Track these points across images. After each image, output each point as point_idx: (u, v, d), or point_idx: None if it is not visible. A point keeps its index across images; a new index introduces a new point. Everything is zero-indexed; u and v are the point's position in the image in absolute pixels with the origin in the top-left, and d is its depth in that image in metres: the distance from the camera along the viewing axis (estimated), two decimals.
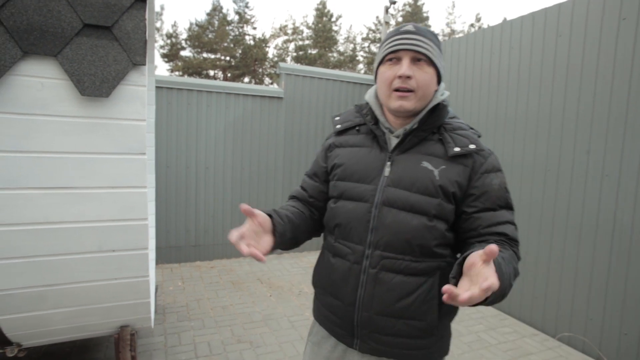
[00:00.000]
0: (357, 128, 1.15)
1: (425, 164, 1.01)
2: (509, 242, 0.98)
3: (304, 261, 4.73)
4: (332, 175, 1.14)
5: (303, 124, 4.93)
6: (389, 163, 1.04)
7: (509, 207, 1.03)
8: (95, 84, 1.57)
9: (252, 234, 0.91)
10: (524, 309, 3.25)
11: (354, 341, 1.07)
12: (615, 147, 2.58)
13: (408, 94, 0.99)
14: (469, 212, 1.01)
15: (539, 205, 3.10)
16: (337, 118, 1.20)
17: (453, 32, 28.33)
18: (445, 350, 1.10)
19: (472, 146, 1.01)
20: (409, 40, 0.98)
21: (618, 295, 2.57)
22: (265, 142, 4.81)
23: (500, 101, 3.44)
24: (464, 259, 0.83)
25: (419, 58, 0.99)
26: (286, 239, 1.03)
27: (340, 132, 1.18)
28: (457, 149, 1.00)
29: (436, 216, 0.99)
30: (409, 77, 0.98)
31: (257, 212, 0.94)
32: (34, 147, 1.52)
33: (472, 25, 27.54)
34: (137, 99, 1.66)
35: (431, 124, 1.04)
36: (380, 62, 1.04)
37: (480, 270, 0.74)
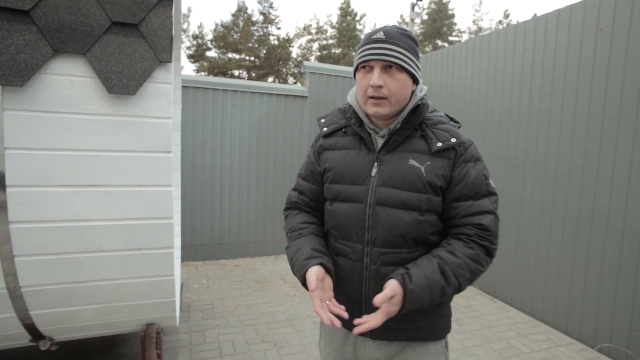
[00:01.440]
0: (343, 130, 1.18)
1: (412, 162, 1.06)
2: (482, 233, 1.04)
3: None
4: (324, 178, 1.19)
5: None
6: (376, 163, 1.09)
7: (489, 194, 1.08)
8: (122, 81, 1.57)
9: (322, 292, 1.04)
10: (559, 316, 3.09)
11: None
12: None
13: (382, 100, 1.04)
14: (448, 200, 1.07)
15: (576, 207, 2.94)
16: (323, 120, 1.23)
17: (480, 29, 27.60)
18: (447, 328, 1.18)
19: (453, 140, 1.06)
20: (379, 50, 1.01)
21: None
22: (289, 141, 4.79)
23: (533, 99, 3.28)
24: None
25: (389, 66, 1.02)
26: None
27: (327, 135, 1.21)
28: (439, 144, 1.06)
29: (427, 210, 1.05)
30: (380, 87, 1.02)
31: (316, 277, 1.03)
32: (63, 145, 1.54)
33: (500, 22, 26.74)
34: (163, 96, 1.65)
35: (413, 122, 1.09)
36: (356, 68, 1.09)
37: (381, 308, 0.96)
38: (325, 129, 1.20)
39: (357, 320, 0.97)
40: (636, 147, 2.55)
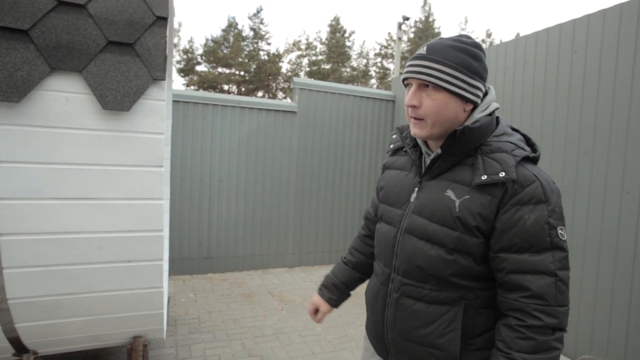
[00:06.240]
0: (404, 149, 1.12)
1: (449, 193, 0.95)
2: (538, 304, 0.86)
3: (315, 275, 4.70)
4: (378, 195, 1.20)
5: (316, 139, 4.96)
6: (416, 189, 1.03)
7: (554, 248, 0.87)
8: (117, 98, 1.62)
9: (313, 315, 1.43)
10: None
11: (389, 357, 1.10)
12: (635, 163, 2.54)
13: (420, 121, 0.96)
14: (494, 249, 0.92)
15: None
16: (394, 136, 1.18)
17: None
18: None
19: (502, 174, 0.88)
20: (415, 68, 0.94)
21: None
22: (278, 156, 4.85)
23: (514, 117, 3.42)
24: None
25: (426, 84, 0.93)
26: (346, 297, 1.42)
27: (393, 153, 1.18)
28: (484, 177, 0.89)
29: (455, 249, 0.94)
30: (415, 106, 0.95)
31: (312, 303, 1.46)
32: (57, 158, 1.57)
33: (483, 41, 27.58)
34: (156, 112, 1.71)
35: (460, 148, 0.95)
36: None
37: None
38: (391, 145, 1.17)
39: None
40: (610, 161, 2.68)
